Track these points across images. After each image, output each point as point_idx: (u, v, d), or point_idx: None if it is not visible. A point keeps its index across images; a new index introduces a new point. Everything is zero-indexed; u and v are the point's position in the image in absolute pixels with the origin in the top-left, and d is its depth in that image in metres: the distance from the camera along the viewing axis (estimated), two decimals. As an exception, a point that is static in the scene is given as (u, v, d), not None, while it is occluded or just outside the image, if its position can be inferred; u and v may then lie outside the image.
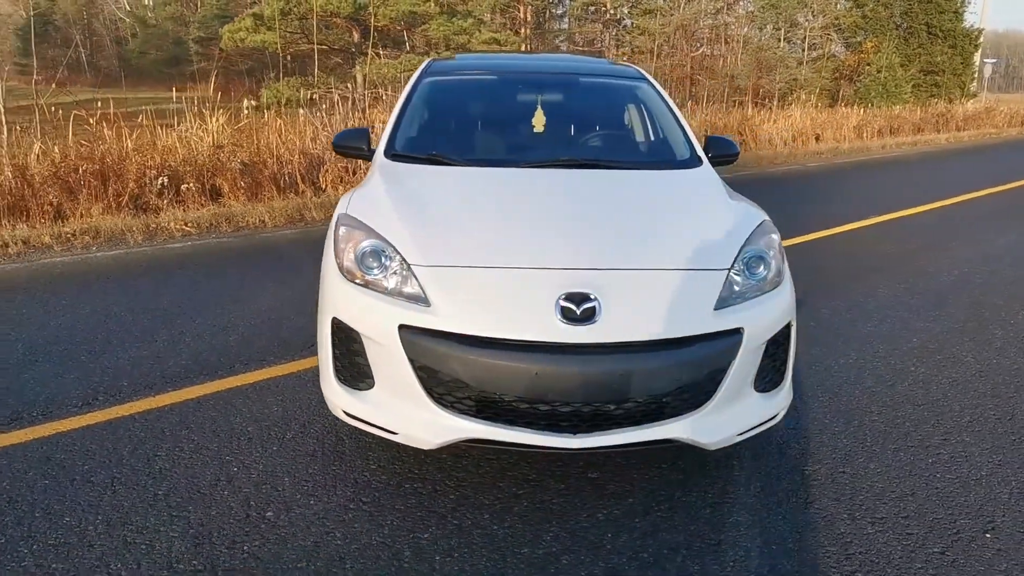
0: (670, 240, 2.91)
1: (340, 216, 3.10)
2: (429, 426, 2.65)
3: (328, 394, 2.93)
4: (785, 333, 2.91)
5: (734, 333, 2.68)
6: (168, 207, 8.37)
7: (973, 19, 35.16)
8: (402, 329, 2.62)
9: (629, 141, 4.13)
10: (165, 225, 7.41)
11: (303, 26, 17.88)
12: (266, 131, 10.74)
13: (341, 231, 3.00)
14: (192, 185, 9.07)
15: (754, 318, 2.74)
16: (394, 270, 2.76)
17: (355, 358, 2.79)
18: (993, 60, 42.58)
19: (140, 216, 7.82)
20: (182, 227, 7.41)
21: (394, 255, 2.79)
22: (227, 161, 9.75)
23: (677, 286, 2.71)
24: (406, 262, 2.75)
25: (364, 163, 6.68)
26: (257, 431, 3.30)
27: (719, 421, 2.73)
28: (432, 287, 2.66)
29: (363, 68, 17.07)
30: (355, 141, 3.88)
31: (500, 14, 29.14)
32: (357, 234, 2.94)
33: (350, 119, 11.57)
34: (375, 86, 14.59)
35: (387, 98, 13.43)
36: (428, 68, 4.39)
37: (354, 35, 19.38)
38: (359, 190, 3.40)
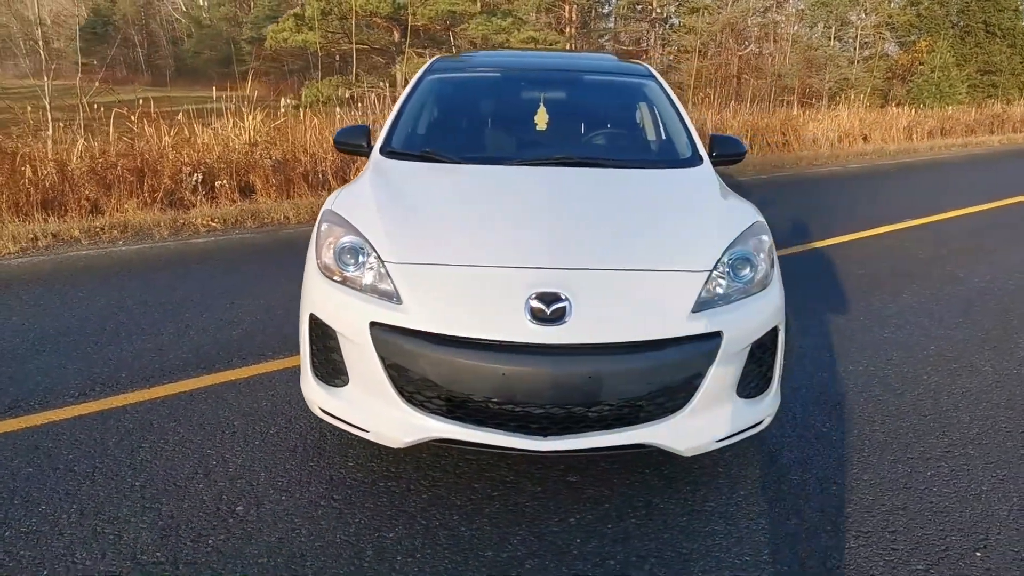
0: (652, 240, 2.84)
1: (324, 212, 3.10)
2: (399, 424, 2.63)
3: (306, 391, 2.93)
4: (771, 338, 2.82)
5: (712, 337, 2.60)
6: (201, 203, 8.52)
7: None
8: (373, 326, 2.60)
9: (629, 139, 4.04)
10: (192, 221, 7.53)
11: (343, 26, 18.06)
12: (302, 129, 10.88)
13: (323, 227, 3.00)
14: (226, 182, 9.23)
15: (736, 322, 2.66)
16: (370, 266, 2.75)
17: (331, 355, 2.79)
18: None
19: (170, 212, 7.97)
20: (208, 223, 7.53)
21: (371, 252, 2.78)
22: (260, 159, 9.91)
23: (653, 287, 2.64)
24: (381, 259, 2.73)
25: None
26: (243, 425, 3.31)
27: (696, 427, 2.65)
28: (404, 284, 2.64)
29: (402, 67, 17.18)
30: (355, 138, 3.88)
31: (545, 13, 29.10)
32: (337, 230, 2.93)
33: (386, 116, 11.64)
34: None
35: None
36: (432, 65, 4.37)
37: (394, 35, 19.52)
38: (347, 187, 3.39)
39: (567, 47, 29.42)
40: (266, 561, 2.44)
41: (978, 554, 2.58)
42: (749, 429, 2.81)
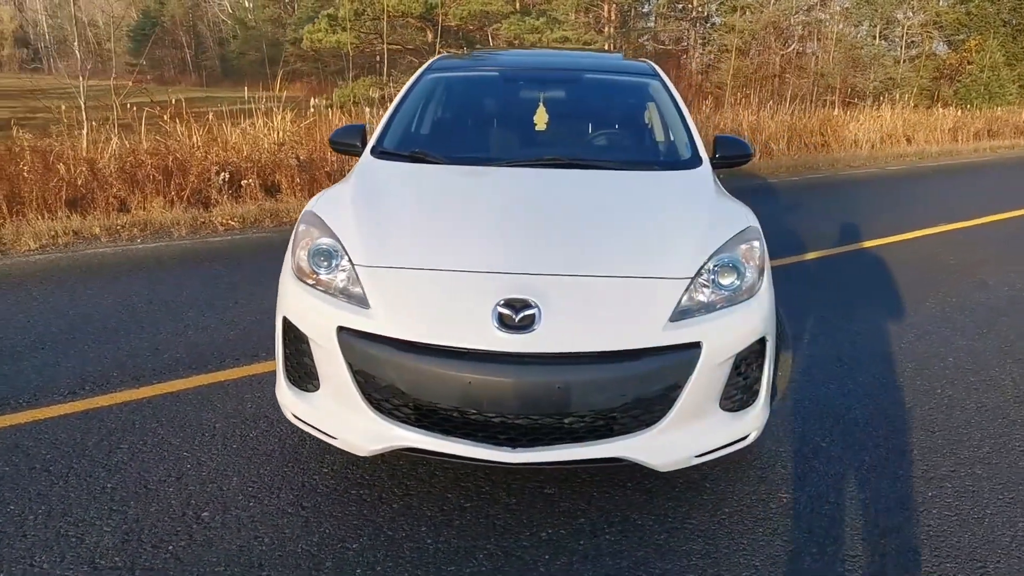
0: (632, 246, 2.73)
1: (304, 213, 3.05)
2: (365, 432, 2.56)
3: (279, 395, 2.88)
4: (758, 349, 2.69)
5: (691, 347, 2.49)
6: (227, 202, 8.58)
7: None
8: (341, 331, 2.54)
9: (625, 140, 3.92)
10: (211, 220, 7.58)
11: (376, 27, 18.12)
12: (329, 128, 10.92)
13: (300, 228, 2.95)
14: (251, 181, 9.30)
15: (717, 331, 2.54)
16: (343, 269, 2.69)
17: (303, 359, 2.73)
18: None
19: (191, 210, 8.03)
20: (227, 222, 7.57)
21: (344, 254, 2.72)
22: (285, 158, 9.98)
23: (629, 295, 2.53)
24: (352, 262, 2.67)
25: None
26: (224, 428, 3.28)
27: (674, 441, 2.54)
28: (372, 288, 2.57)
29: (435, 67, 17.16)
30: (350, 137, 3.81)
31: (584, 13, 28.91)
32: (313, 232, 2.88)
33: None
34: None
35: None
36: (432, 64, 4.30)
37: (428, 35, 19.54)
38: (331, 188, 3.34)
39: (605, 46, 29.21)
40: (223, 570, 2.39)
41: (973, 583, 2.42)
42: (733, 444, 2.69)
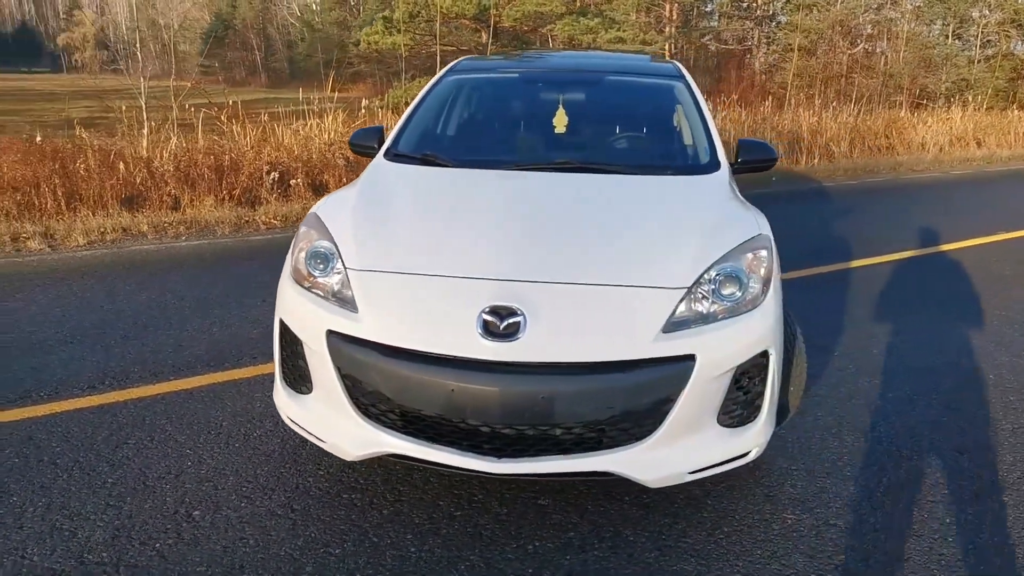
0: (629, 253, 2.64)
1: (308, 215, 3.06)
2: (351, 437, 2.55)
3: (275, 397, 2.89)
4: (760, 363, 2.58)
5: (684, 360, 2.40)
6: (274, 201, 8.73)
7: None
8: (330, 335, 2.53)
9: (641, 143, 3.82)
10: (255, 218, 7.72)
11: (431, 28, 18.26)
12: (378, 129, 11.02)
13: (301, 230, 2.96)
14: (300, 180, 9.47)
15: (713, 344, 2.44)
16: (338, 271, 2.68)
17: (298, 361, 2.74)
18: None
19: (238, 209, 8.19)
20: (270, 221, 7.70)
21: (339, 257, 2.71)
22: (333, 158, 10.13)
23: (620, 304, 2.45)
24: (344, 265, 2.66)
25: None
26: (229, 426, 3.31)
27: (665, 456, 2.45)
28: (361, 292, 2.56)
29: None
30: (368, 139, 3.81)
31: (645, 13, 28.59)
32: (312, 234, 2.88)
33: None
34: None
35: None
36: (455, 66, 4.27)
37: (483, 36, 19.59)
38: (340, 190, 3.34)
39: (665, 47, 28.86)
40: (204, 570, 2.40)
41: (981, 620, 2.27)
42: (732, 461, 2.59)
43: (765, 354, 2.58)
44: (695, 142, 3.62)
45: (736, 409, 2.57)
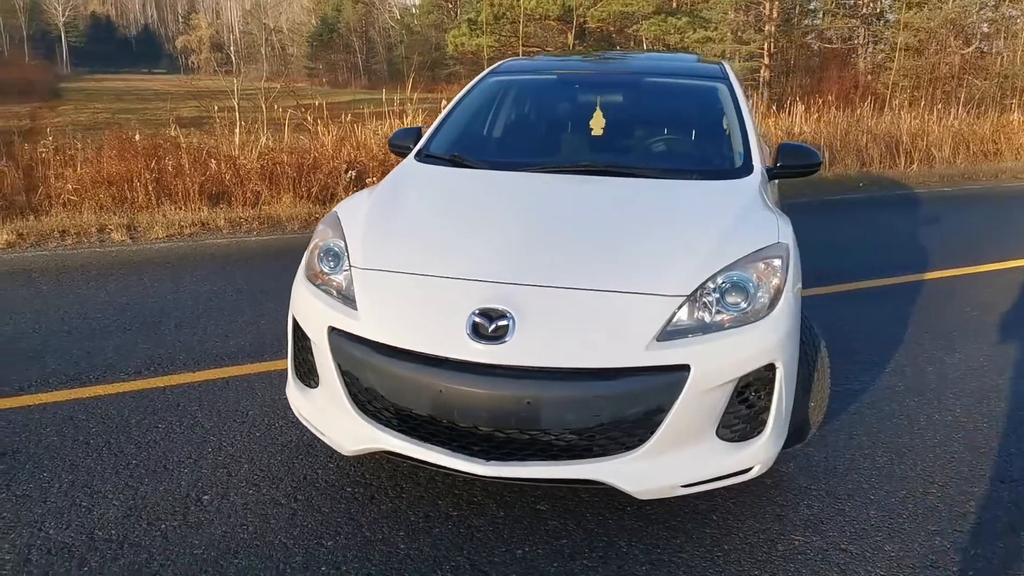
0: (628, 259, 2.59)
1: (330, 213, 3.13)
2: (348, 432, 2.60)
3: (287, 391, 2.97)
4: (765, 376, 2.47)
5: (677, 370, 2.33)
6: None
7: None
8: (332, 332, 2.59)
9: (673, 146, 3.72)
10: (323, 215, 7.93)
11: (515, 29, 18.36)
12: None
13: (319, 228, 3.03)
14: (376, 179, 9.70)
15: (710, 354, 2.37)
16: (345, 269, 2.74)
17: (307, 356, 2.80)
18: None
19: (311, 206, 8.46)
20: (339, 217, 7.91)
21: (347, 256, 2.77)
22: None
23: (613, 310, 2.41)
24: (350, 263, 2.71)
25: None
26: (255, 415, 3.42)
27: (656, 467, 2.39)
28: (361, 291, 2.60)
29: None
30: (406, 140, 3.87)
31: (744, 12, 27.92)
32: (328, 232, 2.95)
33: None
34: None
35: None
36: (497, 67, 4.29)
37: (568, 36, 19.56)
38: (365, 190, 3.41)
39: (764, 46, 28.08)
40: (201, 552, 2.49)
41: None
42: (731, 476, 2.50)
43: (772, 367, 2.47)
44: (733, 145, 3.51)
45: (738, 423, 2.48)
